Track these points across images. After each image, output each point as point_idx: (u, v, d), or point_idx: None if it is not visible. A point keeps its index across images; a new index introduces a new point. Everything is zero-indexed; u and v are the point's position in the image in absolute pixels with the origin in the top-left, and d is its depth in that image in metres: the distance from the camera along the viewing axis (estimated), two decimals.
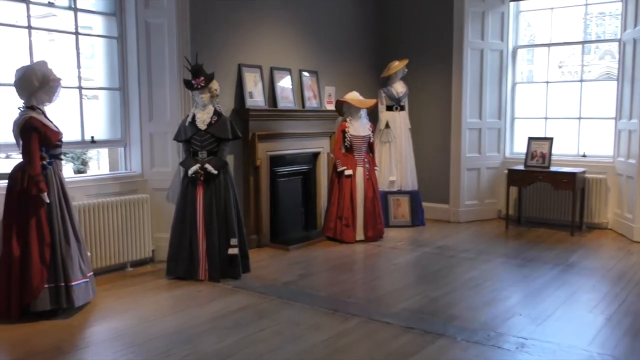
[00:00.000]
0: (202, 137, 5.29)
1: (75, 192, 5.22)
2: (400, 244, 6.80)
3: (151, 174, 5.85)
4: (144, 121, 5.83)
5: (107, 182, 5.57)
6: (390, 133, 7.84)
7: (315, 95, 7.39)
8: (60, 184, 4.38)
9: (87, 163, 11.80)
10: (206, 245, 5.24)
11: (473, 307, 4.60)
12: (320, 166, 7.46)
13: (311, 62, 7.39)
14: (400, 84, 7.97)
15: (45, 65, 4.33)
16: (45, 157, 4.30)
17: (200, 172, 5.24)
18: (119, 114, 5.84)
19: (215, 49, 6.12)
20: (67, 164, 13.04)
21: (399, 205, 7.82)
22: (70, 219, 4.40)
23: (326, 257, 6.24)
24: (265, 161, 6.61)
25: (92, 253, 5.21)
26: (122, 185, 5.65)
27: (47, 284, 4.23)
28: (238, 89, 6.41)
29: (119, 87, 5.81)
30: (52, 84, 4.33)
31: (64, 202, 4.38)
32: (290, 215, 7.10)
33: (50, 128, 4.31)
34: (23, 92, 4.29)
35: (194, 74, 5.26)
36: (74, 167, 12.55)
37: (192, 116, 5.35)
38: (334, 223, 6.92)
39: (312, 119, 7.26)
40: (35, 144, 4.20)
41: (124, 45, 5.78)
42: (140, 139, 5.84)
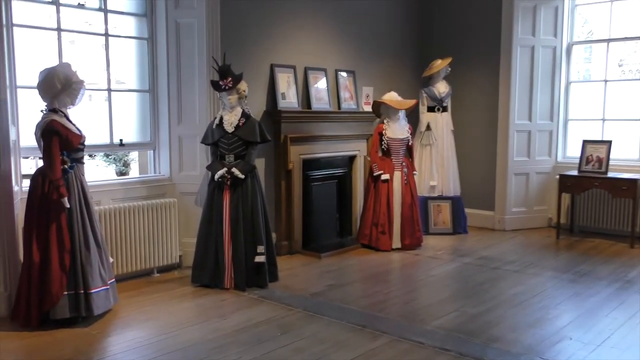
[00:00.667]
0: (230, 140, 5.09)
1: (101, 196, 5.12)
2: (440, 253, 6.44)
3: (179, 178, 5.70)
4: (173, 124, 5.68)
5: (134, 185, 5.45)
6: (432, 135, 7.48)
7: (352, 96, 7.11)
8: (81, 188, 4.25)
9: (129, 165, 11.86)
10: (232, 252, 5.04)
11: (517, 327, 4.23)
12: (356, 170, 7.18)
13: (348, 61, 7.11)
14: (443, 83, 7.60)
15: (68, 68, 4.21)
16: (67, 160, 4.18)
17: (226, 176, 5.04)
18: (148, 117, 5.70)
19: (247, 49, 5.92)
20: (109, 165, 13.18)
21: (439, 211, 7.46)
22: (92, 224, 4.27)
23: (359, 266, 5.96)
24: (298, 165, 6.37)
25: (118, 258, 5.10)
26: (149, 189, 5.51)
27: (67, 291, 4.12)
28: (270, 90, 6.19)
29: (149, 89, 5.68)
30: (75, 86, 4.21)
31: (85, 207, 4.25)
32: (324, 221, 6.85)
33: (71, 131, 4.19)
34: (46, 94, 4.18)
35: (221, 74, 5.07)
36: (116, 169, 12.66)
37: (219, 118, 5.16)
38: (370, 230, 6.62)
39: (348, 121, 6.99)
40: (56, 147, 4.08)
41: (154, 46, 5.65)
42: (169, 142, 5.70)
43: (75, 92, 4.22)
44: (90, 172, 13.34)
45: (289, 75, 6.35)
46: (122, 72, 5.62)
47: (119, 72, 5.56)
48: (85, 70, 4.94)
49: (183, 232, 5.62)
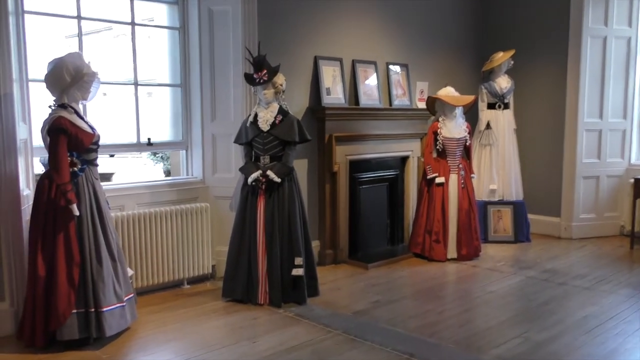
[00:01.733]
0: (265, 140, 4.60)
1: (126, 201, 4.72)
2: (500, 265, 5.78)
3: (213, 180, 5.25)
4: (206, 121, 5.23)
5: (163, 189, 5.02)
6: (492, 134, 6.80)
7: (404, 91, 6.52)
8: (93, 193, 3.83)
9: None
10: (267, 264, 4.54)
11: (590, 358, 3.57)
12: (409, 172, 6.58)
13: (401, 54, 6.51)
14: (505, 78, 6.90)
15: (79, 58, 3.80)
16: (77, 162, 3.77)
17: (261, 179, 4.54)
18: (180, 114, 5.28)
19: (287, 40, 5.42)
20: (156, 164, 12.94)
21: (500, 217, 6.77)
22: (105, 234, 3.85)
23: (410, 279, 5.36)
24: (345, 166, 5.83)
25: (144, 269, 4.69)
26: (179, 193, 5.08)
27: (76, 309, 3.69)
28: (314, 84, 5.67)
29: (181, 84, 5.26)
30: (87, 78, 3.79)
31: (98, 215, 3.83)
32: (373, 227, 6.28)
33: (81, 129, 3.77)
34: (54, 88, 3.78)
35: (256, 66, 4.57)
36: (164, 168, 12.41)
37: (254, 115, 4.67)
38: (422, 238, 6.02)
39: (400, 119, 6.39)
40: (63, 147, 3.68)
41: (186, 36, 5.22)
42: (202, 141, 5.26)
43: (86, 86, 3.80)
44: (136, 171, 13.26)
45: (334, 69, 5.82)
46: (151, 65, 5.21)
47: (147, 65, 5.15)
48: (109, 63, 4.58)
49: (216, 240, 5.17)
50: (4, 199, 3.87)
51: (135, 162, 14.03)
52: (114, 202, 4.63)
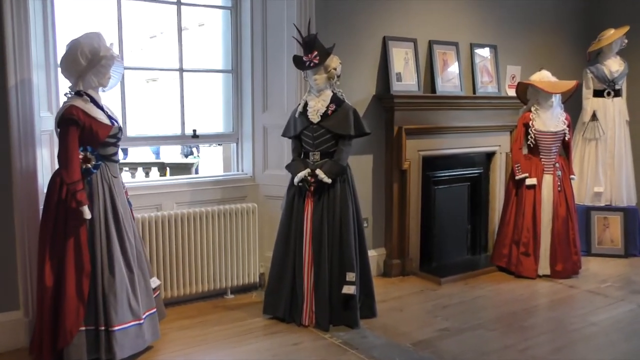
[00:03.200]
0: (315, 133, 3.93)
1: (163, 199, 4.23)
2: (605, 287, 4.79)
3: (263, 178, 4.65)
4: (257, 111, 4.64)
5: (206, 186, 4.48)
6: (599, 127, 5.75)
7: (492, 77, 5.62)
8: (109, 194, 3.33)
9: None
10: (313, 279, 3.89)
11: None
12: (495, 170, 5.69)
13: (487, 33, 5.60)
14: (616, 60, 5.83)
15: (97, 39, 3.29)
16: (91, 158, 3.28)
17: (309, 179, 3.88)
18: (231, 102, 4.72)
19: (351, 18, 4.71)
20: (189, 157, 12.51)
21: (606, 226, 5.72)
22: (121, 240, 3.34)
23: (490, 300, 4.51)
24: (417, 163, 5.05)
25: (181, 276, 4.20)
26: (225, 191, 4.53)
27: (85, 326, 3.23)
28: (382, 69, 4.92)
29: (232, 69, 4.69)
30: (104, 62, 3.28)
31: (113, 218, 3.32)
32: (451, 234, 5.47)
33: (97, 120, 3.28)
34: (69, 73, 3.31)
35: (305, 47, 3.90)
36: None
37: (303, 105, 4.01)
38: (508, 249, 5.13)
39: (485, 108, 5.51)
40: (74, 141, 3.20)
41: (238, 16, 4.63)
42: (252, 134, 4.67)
43: (103, 70, 3.29)
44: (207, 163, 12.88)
45: (407, 51, 5.04)
46: (203, 50, 4.68)
47: (200, 50, 4.62)
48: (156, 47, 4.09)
49: (266, 245, 4.57)
50: (20, 196, 3.48)
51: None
52: (150, 200, 4.17)
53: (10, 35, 3.34)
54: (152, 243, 4.07)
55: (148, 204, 4.18)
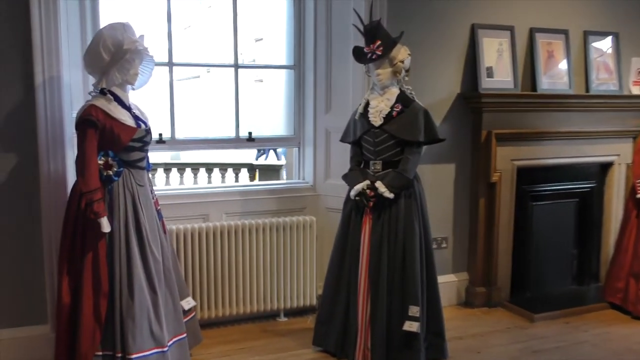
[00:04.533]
0: (376, 138, 3.32)
1: (211, 209, 3.82)
2: None
3: (325, 188, 4.11)
4: (319, 112, 4.11)
5: (260, 196, 4.01)
6: None
7: (611, 71, 4.68)
8: (132, 205, 2.94)
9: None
10: (370, 310, 3.28)
11: None
12: (612, 185, 4.75)
13: (604, 18, 4.67)
14: None
15: (121, 29, 2.90)
16: (113, 164, 2.90)
17: (367, 193, 3.28)
18: (292, 102, 4.22)
19: (431, 2, 4.04)
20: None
21: None
22: (144, 257, 2.94)
23: (597, 349, 3.65)
24: (510, 175, 4.28)
25: (227, 294, 3.77)
26: (281, 202, 4.03)
27: (102, 350, 2.88)
28: (468, 63, 4.20)
29: (294, 65, 4.18)
30: (129, 56, 2.88)
31: (135, 232, 2.93)
32: (552, 259, 4.60)
33: (119, 122, 2.90)
34: (92, 69, 2.96)
35: (367, 36, 3.31)
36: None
37: (364, 105, 3.41)
38: (625, 283, 4.22)
39: (602, 110, 4.59)
40: (91, 145, 2.84)
41: (302, 5, 4.12)
42: (314, 137, 4.14)
43: (127, 65, 2.89)
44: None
45: (501, 42, 4.27)
46: (259, 44, 4.22)
47: (254, 43, 4.17)
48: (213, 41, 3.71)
49: (325, 263, 3.92)
50: (48, 203, 3.23)
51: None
52: (196, 210, 3.78)
53: (38, 31, 3.09)
54: (195, 257, 3.67)
55: (193, 213, 3.78)
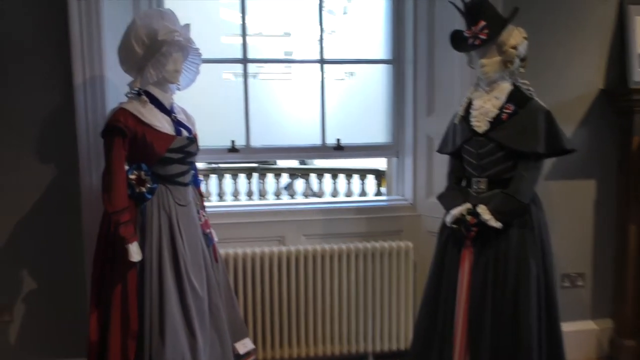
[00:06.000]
0: (480, 149, 2.57)
1: (289, 230, 3.29)
2: None
3: (426, 207, 3.39)
4: (420, 115, 3.40)
5: (347, 215, 3.38)
6: None
7: None
8: (168, 228, 2.46)
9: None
10: None
11: None
12: None
13: None
14: None
15: (157, 17, 2.42)
16: (146, 180, 2.44)
17: (468, 220, 2.54)
18: (389, 104, 3.56)
19: None
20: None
21: None
22: (181, 291, 2.44)
23: None
24: None
25: (306, 331, 3.20)
26: (373, 223, 3.38)
27: None
28: (614, 50, 3.27)
29: (392, 59, 3.52)
30: (165, 49, 2.40)
31: (171, 261, 2.44)
32: None
33: (153, 128, 2.43)
34: (127, 66, 2.51)
35: (467, 15, 2.56)
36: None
37: (466, 105, 2.67)
38: None
39: None
40: (118, 156, 2.39)
41: None
42: (414, 145, 3.44)
43: (163, 60, 2.40)
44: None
45: None
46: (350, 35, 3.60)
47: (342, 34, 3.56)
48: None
49: None
50: (89, 220, 2.84)
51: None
52: (269, 230, 3.28)
53: (77, 24, 2.72)
54: (265, 287, 3.14)
55: (267, 234, 3.26)
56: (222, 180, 9.26)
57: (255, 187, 8.82)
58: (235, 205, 3.39)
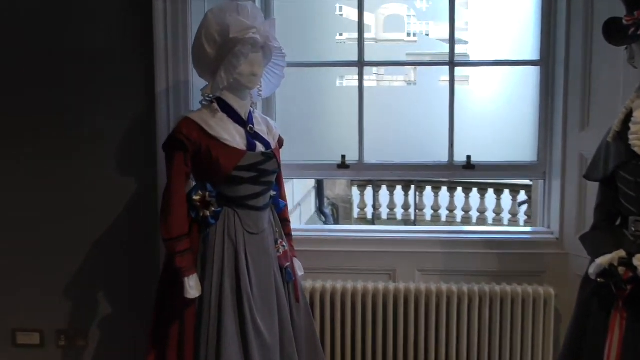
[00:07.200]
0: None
1: (400, 263, 2.83)
2: None
3: (577, 244, 2.62)
4: (571, 129, 2.72)
5: (473, 249, 2.79)
6: None
7: None
8: (234, 260, 2.11)
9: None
10: None
11: None
12: None
13: None
14: None
15: (231, 11, 2.08)
16: (211, 202, 2.12)
17: (620, 274, 1.86)
18: (534, 115, 2.91)
19: None
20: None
21: None
22: (244, 339, 2.07)
23: None
24: None
25: None
26: (505, 260, 2.77)
27: None
28: None
29: (540, 59, 2.87)
30: (238, 49, 2.05)
31: (233, 301, 2.09)
32: None
33: (219, 141, 2.10)
34: (201, 70, 2.23)
35: (628, 1, 1.89)
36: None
37: (623, 118, 1.98)
38: None
39: None
40: (178, 174, 2.11)
41: None
42: (562, 166, 2.76)
43: (234, 62, 2.05)
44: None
45: None
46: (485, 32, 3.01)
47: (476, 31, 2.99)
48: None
49: None
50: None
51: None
52: (377, 261, 2.84)
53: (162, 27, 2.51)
54: (367, 330, 2.70)
55: (374, 267, 2.82)
56: (378, 192, 8.98)
57: (412, 200, 8.43)
58: (335, 230, 2.99)
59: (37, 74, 2.65)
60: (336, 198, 10.88)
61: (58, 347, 2.78)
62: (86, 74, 2.63)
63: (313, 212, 9.50)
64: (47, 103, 2.66)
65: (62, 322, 2.76)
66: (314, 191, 9.35)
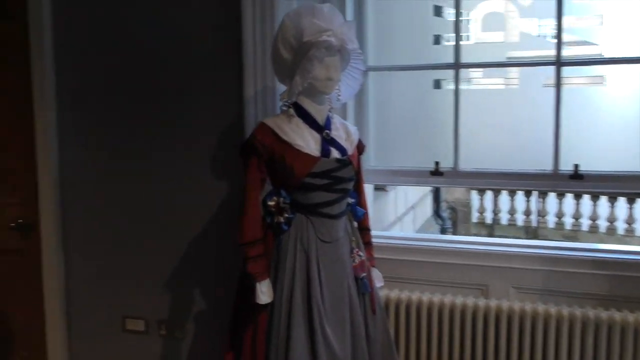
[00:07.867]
0: None
1: (494, 279, 2.61)
2: None
3: None
4: None
5: (579, 268, 2.49)
6: None
7: None
8: (304, 269, 2.04)
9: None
10: None
11: None
12: None
13: None
14: None
15: (307, 14, 2.01)
16: (285, 208, 2.07)
17: None
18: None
19: None
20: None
21: None
22: (313, 349, 1.99)
23: None
24: None
25: None
26: (618, 282, 2.46)
27: None
28: None
29: None
30: (312, 53, 1.98)
31: (304, 310, 2.02)
32: None
33: (292, 147, 2.04)
34: (280, 75, 2.20)
35: None
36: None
37: None
38: None
39: None
40: (253, 180, 2.09)
41: None
42: None
43: (308, 66, 1.98)
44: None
45: None
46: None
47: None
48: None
49: None
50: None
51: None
52: (467, 276, 2.65)
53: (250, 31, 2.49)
54: (453, 348, 2.51)
55: (465, 281, 2.63)
56: (498, 197, 8.56)
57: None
58: (424, 240, 2.80)
59: (142, 82, 2.78)
60: (455, 202, 10.53)
61: (159, 335, 2.92)
62: (183, 81, 2.71)
63: (429, 216, 9.25)
64: (149, 108, 2.78)
65: (163, 313, 2.90)
66: (431, 195, 9.11)
